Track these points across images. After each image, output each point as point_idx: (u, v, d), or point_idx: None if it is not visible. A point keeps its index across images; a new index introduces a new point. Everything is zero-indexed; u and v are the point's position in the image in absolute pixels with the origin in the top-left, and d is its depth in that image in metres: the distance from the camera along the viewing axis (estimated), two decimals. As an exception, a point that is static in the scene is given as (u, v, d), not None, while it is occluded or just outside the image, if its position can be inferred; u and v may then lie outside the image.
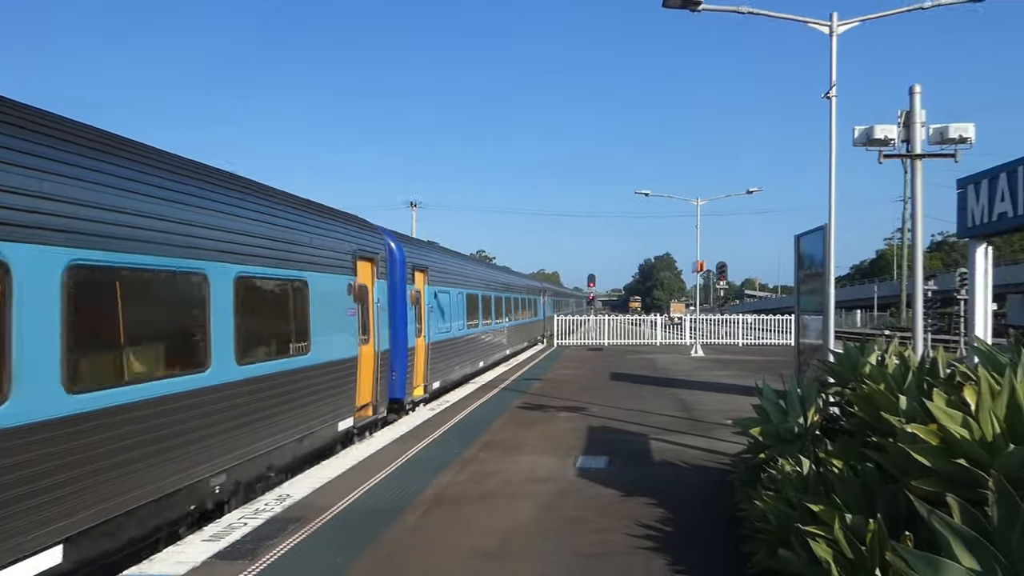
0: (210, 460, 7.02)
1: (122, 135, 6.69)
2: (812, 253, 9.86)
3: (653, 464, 9.16)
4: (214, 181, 7.78)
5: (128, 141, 6.70)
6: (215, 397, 7.10)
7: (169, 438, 6.34)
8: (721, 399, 15.12)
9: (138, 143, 6.86)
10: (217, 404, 7.13)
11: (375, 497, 7.68)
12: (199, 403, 6.82)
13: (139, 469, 5.93)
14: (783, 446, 6.50)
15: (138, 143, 6.86)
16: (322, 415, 9.76)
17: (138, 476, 5.92)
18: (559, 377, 20.06)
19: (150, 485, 6.11)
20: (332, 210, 11.47)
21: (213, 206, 7.43)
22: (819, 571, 4.21)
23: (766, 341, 34.55)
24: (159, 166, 6.88)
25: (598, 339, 35.48)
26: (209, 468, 7.02)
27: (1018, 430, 3.89)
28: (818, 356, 8.82)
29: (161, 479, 6.25)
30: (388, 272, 12.99)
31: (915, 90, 10.99)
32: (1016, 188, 6.73)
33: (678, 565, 5.58)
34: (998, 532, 2.95)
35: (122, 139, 6.63)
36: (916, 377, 5.36)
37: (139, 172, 6.46)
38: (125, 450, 5.76)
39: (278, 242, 8.64)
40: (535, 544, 6.18)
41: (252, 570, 5.57)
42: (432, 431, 11.40)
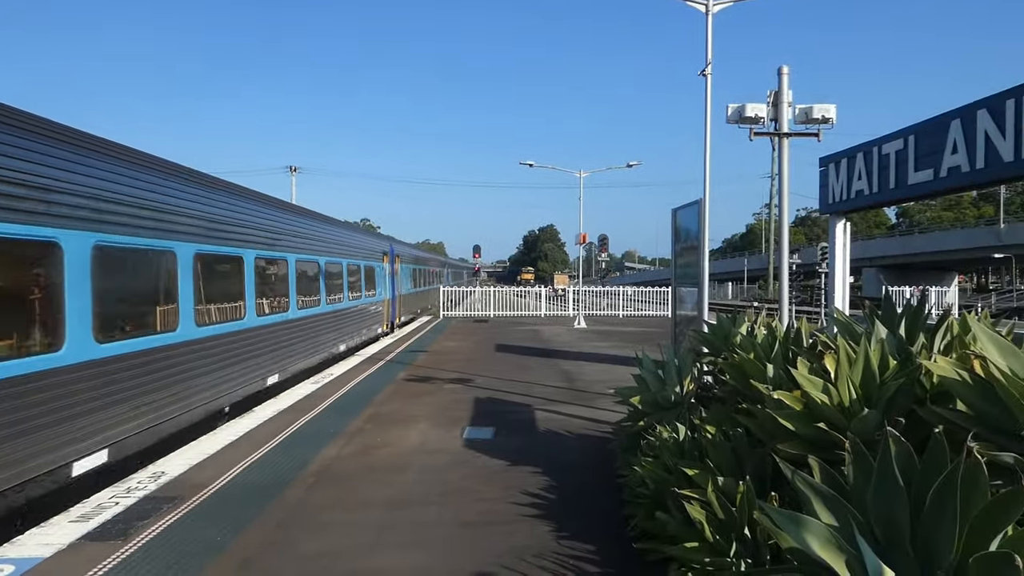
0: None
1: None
2: (688, 227, 10.20)
3: (538, 434, 9.33)
4: (341, 226, 19.37)
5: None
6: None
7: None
8: (603, 369, 15.55)
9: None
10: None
11: (256, 473, 7.46)
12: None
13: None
14: (661, 414, 6.75)
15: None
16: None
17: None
18: (445, 349, 20.06)
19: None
20: (373, 231, 30.01)
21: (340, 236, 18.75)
22: (693, 531, 4.43)
23: (646, 312, 35.74)
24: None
25: (484, 311, 35.68)
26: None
27: (872, 395, 4.19)
28: (693, 327, 9.19)
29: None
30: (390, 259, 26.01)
31: (783, 71, 11.52)
32: (872, 167, 7.19)
33: (562, 532, 5.73)
34: (854, 490, 3.17)
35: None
36: (782, 347, 5.66)
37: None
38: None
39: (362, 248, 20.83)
40: (420, 515, 6.19)
41: (124, 551, 5.31)
42: (316, 404, 11.17)
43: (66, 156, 7.37)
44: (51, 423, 6.88)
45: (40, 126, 7.21)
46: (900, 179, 6.58)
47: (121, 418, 8.07)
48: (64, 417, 7.08)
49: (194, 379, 9.85)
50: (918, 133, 6.27)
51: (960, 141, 5.54)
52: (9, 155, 6.51)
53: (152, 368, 8.72)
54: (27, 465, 6.56)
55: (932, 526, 2.81)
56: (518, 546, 5.44)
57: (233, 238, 11.22)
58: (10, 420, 6.33)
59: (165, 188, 9.32)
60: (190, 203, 9.91)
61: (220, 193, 11.24)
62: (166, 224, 9.07)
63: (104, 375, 7.72)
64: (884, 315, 5.10)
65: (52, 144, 7.23)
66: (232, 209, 11.41)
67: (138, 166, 8.89)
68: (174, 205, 9.40)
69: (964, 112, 5.51)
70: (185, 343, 9.54)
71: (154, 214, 8.82)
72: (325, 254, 16.96)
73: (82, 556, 5.23)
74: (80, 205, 7.35)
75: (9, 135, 6.61)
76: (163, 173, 9.48)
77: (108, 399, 7.83)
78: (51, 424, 6.88)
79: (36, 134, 7.06)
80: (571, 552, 5.31)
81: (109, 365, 7.80)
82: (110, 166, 8.17)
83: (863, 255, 63.88)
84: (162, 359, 8.96)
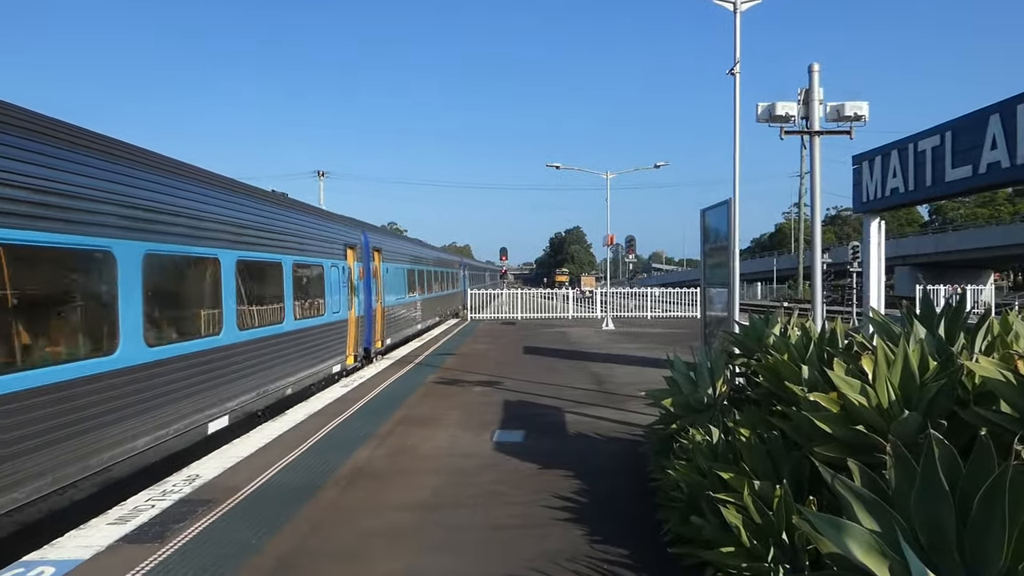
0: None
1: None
2: (717, 227, 10.11)
3: (568, 437, 9.30)
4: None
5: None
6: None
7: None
8: (633, 371, 15.46)
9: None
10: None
11: (289, 475, 7.51)
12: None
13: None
14: (693, 416, 6.69)
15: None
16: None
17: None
18: (473, 351, 20.09)
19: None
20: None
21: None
22: (729, 536, 4.38)
23: (674, 314, 35.52)
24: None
25: (511, 313, 35.68)
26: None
27: (912, 397, 4.11)
28: (723, 328, 9.11)
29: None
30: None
31: (814, 69, 11.37)
32: (907, 165, 7.07)
33: (595, 536, 5.69)
34: (896, 494, 3.11)
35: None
36: (817, 347, 5.59)
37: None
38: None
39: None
40: (452, 518, 6.19)
41: (161, 553, 5.37)
42: (347, 407, 11.24)
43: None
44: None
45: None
46: (937, 176, 6.47)
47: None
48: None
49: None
50: (955, 129, 6.15)
51: (1000, 136, 5.42)
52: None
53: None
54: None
55: (979, 532, 2.74)
56: (551, 550, 5.41)
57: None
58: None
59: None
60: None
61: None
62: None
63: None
64: (923, 315, 5.01)
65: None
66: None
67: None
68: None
69: (1003, 107, 5.40)
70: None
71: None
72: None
73: (120, 558, 5.30)
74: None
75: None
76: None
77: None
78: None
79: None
80: (605, 556, 5.27)
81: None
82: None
83: (896, 253, 62.87)
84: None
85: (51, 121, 6.91)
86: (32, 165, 6.31)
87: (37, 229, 6.28)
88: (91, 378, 6.86)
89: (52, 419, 6.33)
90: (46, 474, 6.25)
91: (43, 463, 6.21)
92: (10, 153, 6.06)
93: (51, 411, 6.32)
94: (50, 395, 6.30)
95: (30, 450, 6.06)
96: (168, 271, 8.58)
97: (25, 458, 6.00)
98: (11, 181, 6.01)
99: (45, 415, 6.24)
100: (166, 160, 8.99)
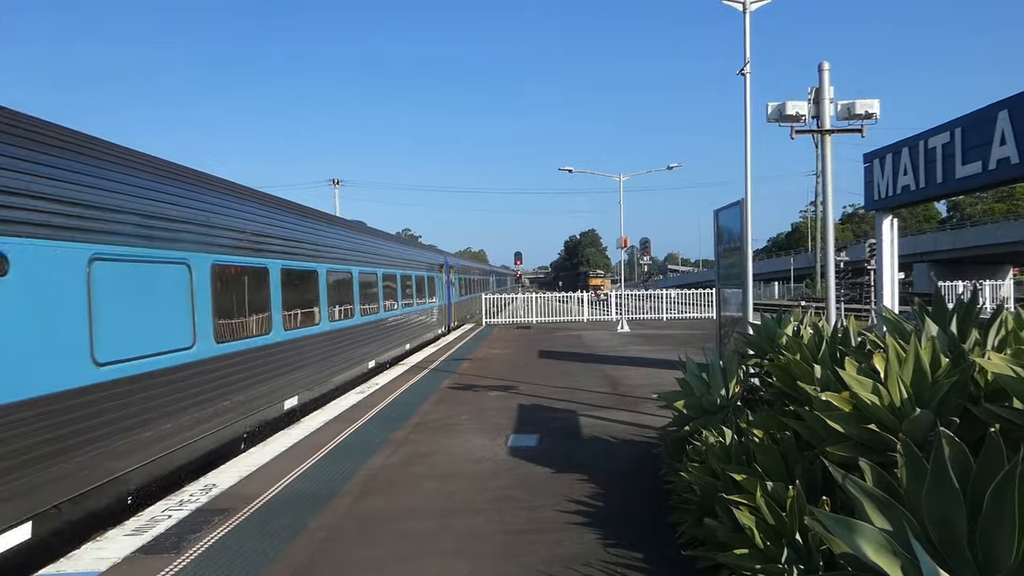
0: None
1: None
2: (730, 227, 10.09)
3: (582, 440, 9.29)
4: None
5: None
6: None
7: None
8: (647, 374, 15.43)
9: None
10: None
11: (305, 483, 7.56)
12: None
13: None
14: (707, 418, 6.68)
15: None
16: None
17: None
18: (488, 356, 20.12)
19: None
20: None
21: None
22: (743, 538, 4.36)
23: (689, 315, 35.39)
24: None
25: (526, 317, 35.68)
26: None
27: (923, 395, 4.09)
28: (738, 329, 9.08)
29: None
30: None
31: (824, 67, 11.33)
32: (917, 162, 7.03)
33: (609, 539, 5.69)
34: (908, 493, 3.10)
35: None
36: (829, 347, 5.57)
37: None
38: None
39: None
40: (467, 524, 6.21)
41: (178, 564, 5.42)
42: (362, 413, 11.29)
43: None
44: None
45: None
46: (947, 173, 6.43)
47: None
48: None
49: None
50: (965, 125, 6.12)
51: (1008, 132, 5.39)
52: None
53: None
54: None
55: (990, 529, 2.73)
56: (566, 555, 5.42)
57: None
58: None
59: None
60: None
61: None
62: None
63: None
64: (934, 311, 4.98)
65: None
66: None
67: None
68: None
69: (1012, 102, 5.36)
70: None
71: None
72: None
73: (137, 570, 5.36)
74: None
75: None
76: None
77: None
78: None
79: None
80: (619, 560, 5.27)
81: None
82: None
83: (913, 250, 62.36)
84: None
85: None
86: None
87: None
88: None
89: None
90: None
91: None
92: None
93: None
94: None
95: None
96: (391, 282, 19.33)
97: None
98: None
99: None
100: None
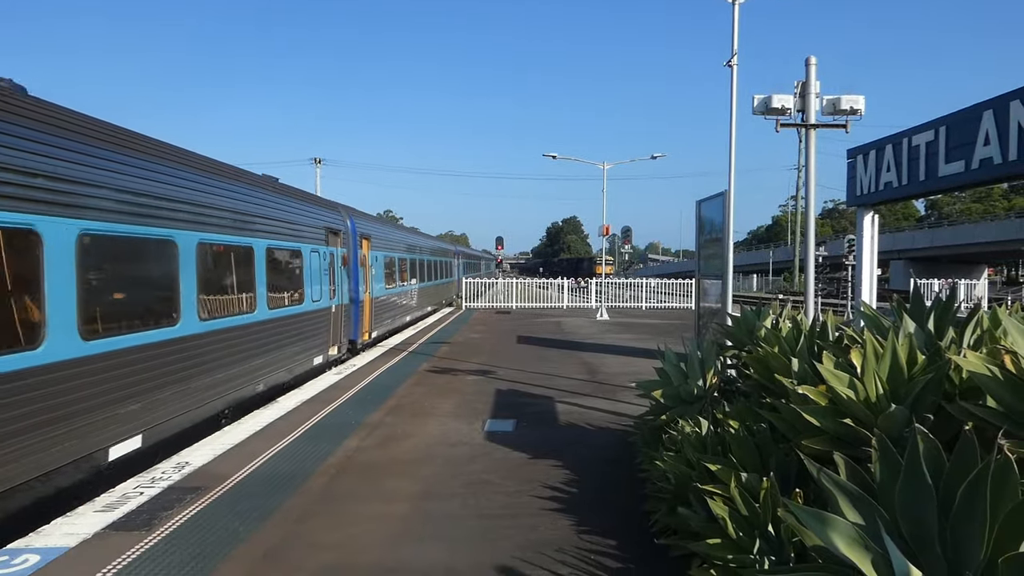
0: None
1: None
2: (712, 218, 10.10)
3: (559, 427, 9.31)
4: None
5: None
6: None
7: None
8: (625, 362, 15.49)
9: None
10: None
11: (279, 463, 7.51)
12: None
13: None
14: (683, 408, 6.70)
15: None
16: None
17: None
18: (467, 340, 20.10)
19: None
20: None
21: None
22: (716, 528, 4.38)
23: (669, 305, 35.57)
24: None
25: (506, 302, 35.68)
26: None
27: (899, 391, 4.11)
28: (717, 320, 9.11)
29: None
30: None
31: (810, 62, 11.36)
32: (901, 159, 7.06)
33: (583, 526, 5.71)
34: (881, 488, 3.12)
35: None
36: (807, 340, 5.59)
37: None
38: None
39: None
40: (442, 508, 6.20)
41: (148, 541, 5.36)
42: (339, 395, 11.24)
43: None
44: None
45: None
46: (930, 171, 6.46)
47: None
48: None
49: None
50: (949, 124, 6.14)
51: (992, 132, 5.42)
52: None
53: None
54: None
55: (961, 525, 2.75)
56: (539, 540, 5.43)
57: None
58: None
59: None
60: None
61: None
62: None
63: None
64: (912, 309, 5.01)
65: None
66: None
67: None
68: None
69: (996, 103, 5.39)
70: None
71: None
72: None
73: (107, 546, 5.29)
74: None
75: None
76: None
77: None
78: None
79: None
80: (592, 547, 5.29)
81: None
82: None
83: (891, 247, 63.01)
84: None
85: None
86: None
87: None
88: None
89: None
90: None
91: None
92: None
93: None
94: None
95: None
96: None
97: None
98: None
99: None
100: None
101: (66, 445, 6.57)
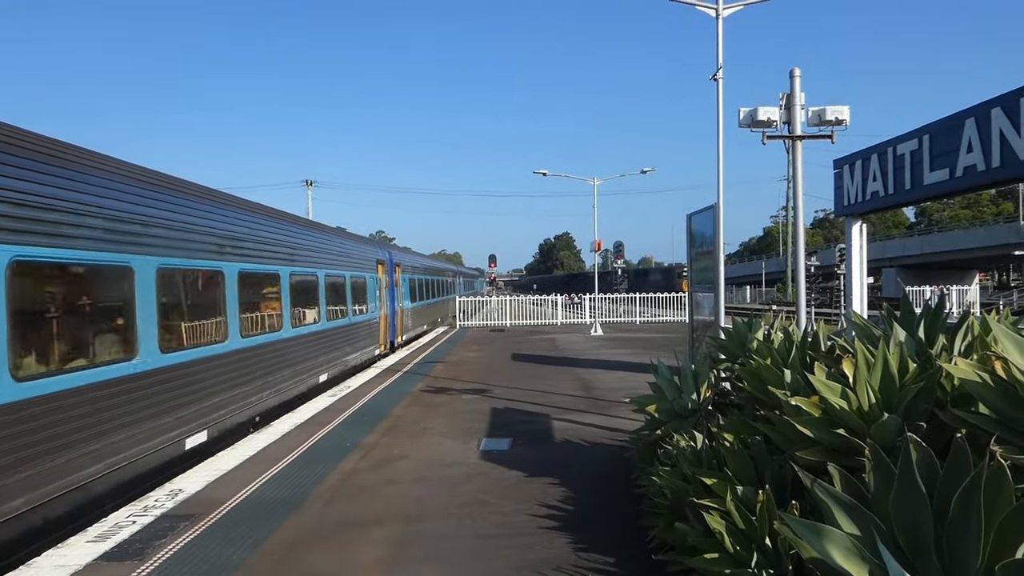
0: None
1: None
2: (703, 231, 10.12)
3: (554, 444, 9.28)
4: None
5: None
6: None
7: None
8: (619, 377, 15.47)
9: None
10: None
11: (273, 489, 7.45)
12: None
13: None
14: (678, 422, 6.69)
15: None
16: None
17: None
18: (462, 359, 20.04)
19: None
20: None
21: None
22: (713, 542, 4.37)
23: (664, 318, 35.56)
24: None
25: (500, 320, 35.65)
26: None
27: (891, 399, 4.11)
28: (710, 332, 9.11)
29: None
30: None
31: (795, 74, 11.44)
32: (887, 168, 7.11)
33: (580, 544, 5.67)
34: (875, 498, 3.11)
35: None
36: (799, 351, 5.59)
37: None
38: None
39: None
40: (438, 529, 6.15)
41: (142, 571, 5.31)
42: (333, 417, 11.18)
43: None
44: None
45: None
46: (915, 179, 6.51)
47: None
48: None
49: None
50: (933, 133, 6.19)
51: (975, 140, 5.46)
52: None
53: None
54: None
55: (957, 533, 2.74)
56: (537, 559, 5.39)
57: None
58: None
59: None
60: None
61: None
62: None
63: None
64: (902, 317, 5.02)
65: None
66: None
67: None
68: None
69: (979, 110, 5.44)
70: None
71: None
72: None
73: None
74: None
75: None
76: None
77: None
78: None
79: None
80: (590, 565, 5.25)
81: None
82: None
83: (882, 255, 63.31)
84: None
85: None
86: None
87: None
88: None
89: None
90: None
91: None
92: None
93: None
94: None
95: None
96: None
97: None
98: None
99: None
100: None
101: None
